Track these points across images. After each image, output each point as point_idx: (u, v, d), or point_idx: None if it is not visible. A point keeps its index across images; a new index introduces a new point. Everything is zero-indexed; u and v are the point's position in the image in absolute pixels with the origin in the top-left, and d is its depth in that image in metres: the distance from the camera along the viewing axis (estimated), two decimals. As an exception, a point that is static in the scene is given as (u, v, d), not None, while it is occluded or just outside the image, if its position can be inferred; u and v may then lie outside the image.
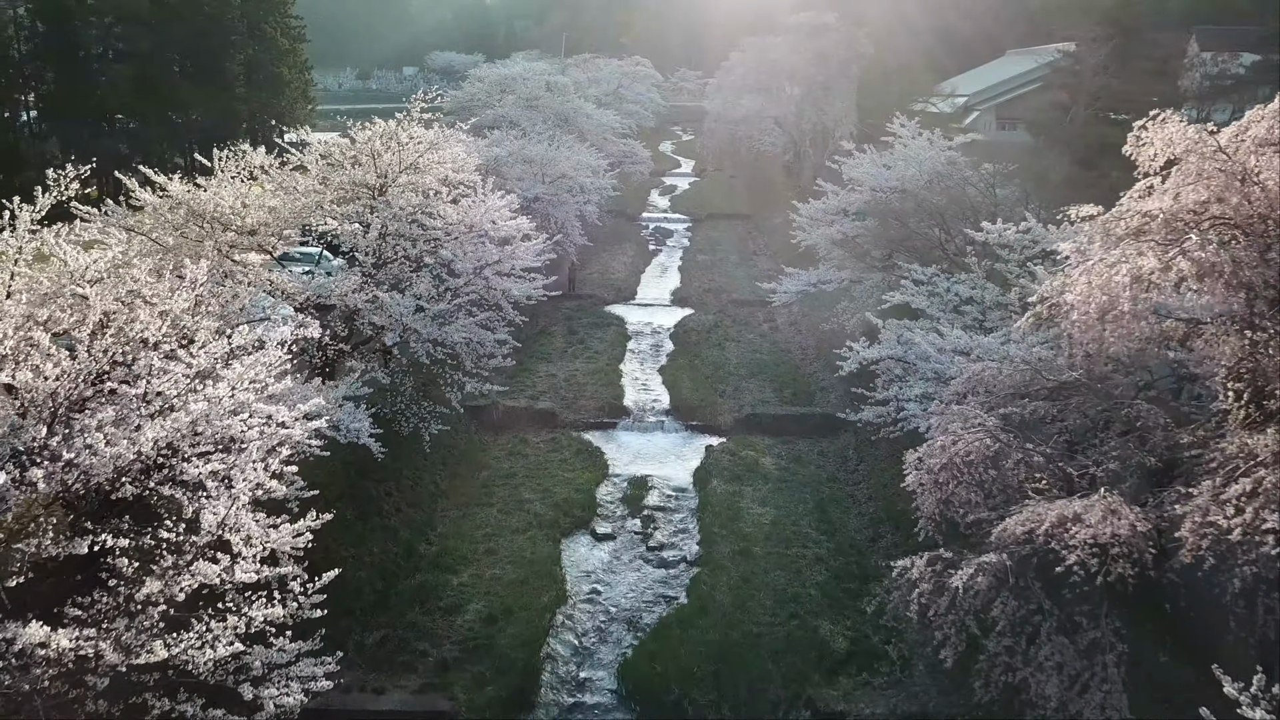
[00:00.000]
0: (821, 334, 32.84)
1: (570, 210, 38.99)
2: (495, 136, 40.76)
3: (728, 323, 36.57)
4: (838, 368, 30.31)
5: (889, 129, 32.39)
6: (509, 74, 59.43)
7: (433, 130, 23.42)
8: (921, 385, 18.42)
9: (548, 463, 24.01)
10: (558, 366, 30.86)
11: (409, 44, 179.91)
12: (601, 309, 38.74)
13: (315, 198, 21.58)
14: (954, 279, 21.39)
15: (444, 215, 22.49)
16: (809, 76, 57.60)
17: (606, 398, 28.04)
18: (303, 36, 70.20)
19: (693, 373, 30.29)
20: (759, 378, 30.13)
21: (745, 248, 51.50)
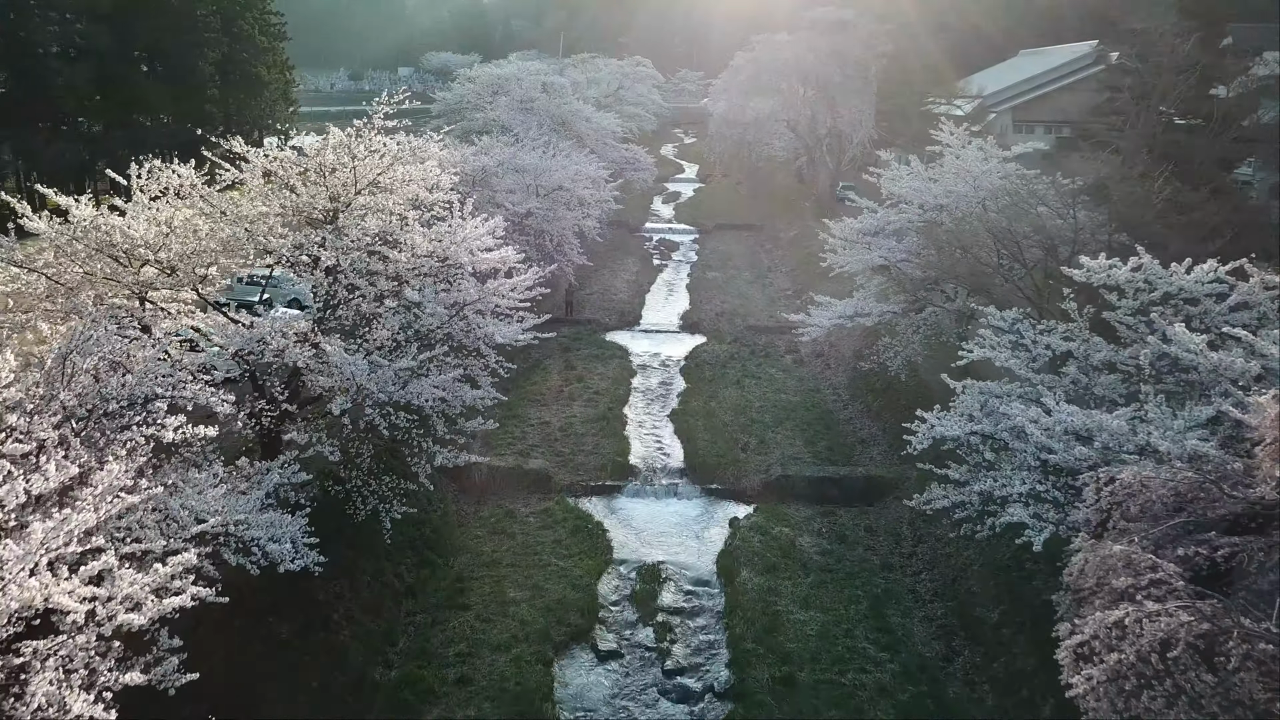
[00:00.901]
0: (856, 371, 28.71)
1: (567, 226, 34.79)
2: (484, 143, 36.53)
3: (745, 354, 32.33)
4: (880, 417, 26.36)
5: (935, 136, 28.16)
6: (502, 74, 55.21)
7: (399, 140, 19.20)
8: (1024, 478, 14.16)
9: (538, 544, 19.75)
10: (552, 411, 26.61)
11: (404, 44, 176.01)
12: (602, 337, 34.52)
13: (251, 225, 17.35)
14: (1043, 327, 17.15)
15: (411, 245, 18.27)
16: (825, 77, 53.41)
17: (609, 453, 23.80)
18: (283, 34, 66.00)
19: (709, 420, 26.05)
20: (787, 425, 25.88)
21: (758, 262, 47.27)
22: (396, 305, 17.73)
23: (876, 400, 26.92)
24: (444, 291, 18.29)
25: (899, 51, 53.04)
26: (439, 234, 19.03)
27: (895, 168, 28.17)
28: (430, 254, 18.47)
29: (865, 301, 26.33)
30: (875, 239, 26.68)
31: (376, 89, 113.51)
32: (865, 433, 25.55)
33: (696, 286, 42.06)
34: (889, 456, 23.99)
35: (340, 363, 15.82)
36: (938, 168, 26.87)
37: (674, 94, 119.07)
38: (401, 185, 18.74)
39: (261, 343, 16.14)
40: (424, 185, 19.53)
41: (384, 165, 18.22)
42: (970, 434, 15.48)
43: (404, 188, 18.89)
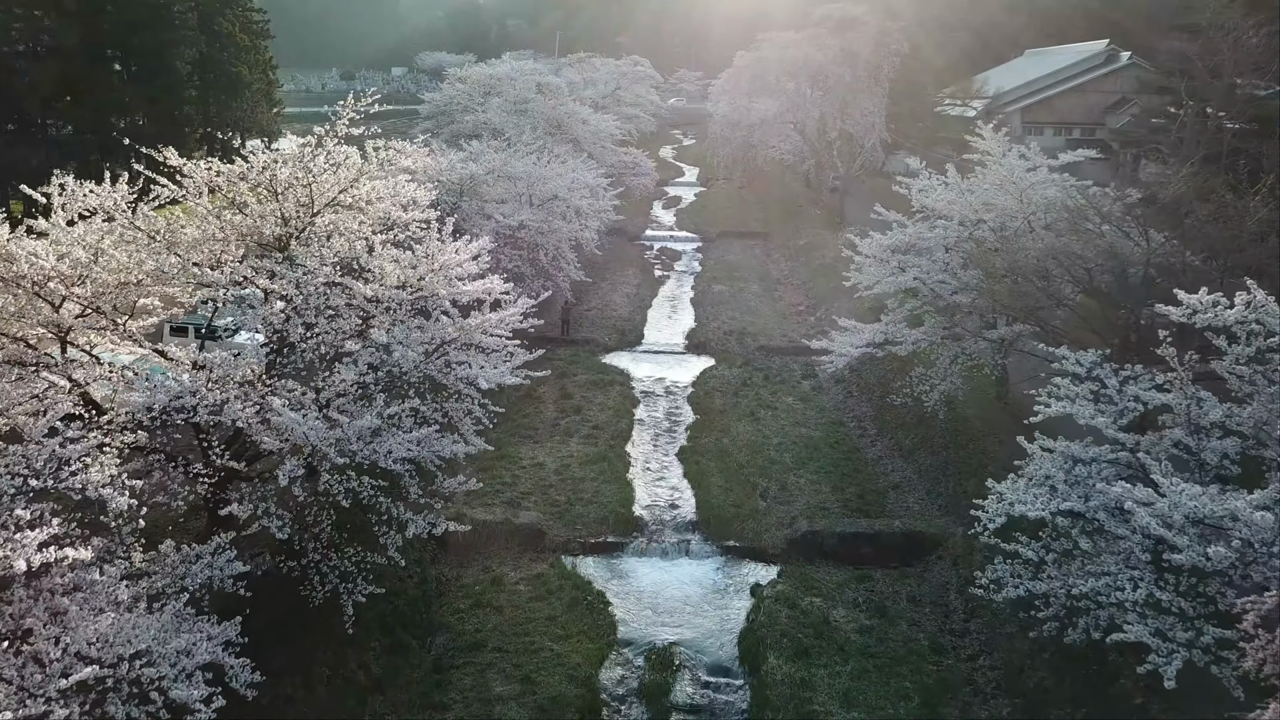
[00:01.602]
0: (884, 401, 25.98)
1: (563, 239, 32.01)
2: (473, 149, 33.73)
3: (759, 380, 29.54)
4: (914, 458, 23.59)
5: (971, 142, 25.39)
6: (495, 74, 52.41)
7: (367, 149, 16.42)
8: (1134, 578, 11.37)
9: (530, 621, 16.94)
10: (547, 449, 23.80)
11: (398, 44, 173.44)
12: (601, 359, 31.71)
13: (187, 252, 14.56)
14: (1129, 375, 14.37)
15: (380, 275, 15.48)
16: (835, 77, 50.64)
17: (611, 502, 21.00)
18: (266, 32, 63.06)
19: (722, 460, 23.26)
20: (810, 467, 23.09)
21: (767, 274, 44.49)
22: (362, 346, 14.91)
23: (908, 437, 24.16)
24: (418, 330, 15.45)
25: (913, 50, 50.33)
26: (414, 260, 16.25)
27: (925, 177, 25.37)
28: (402, 284, 15.66)
29: (895, 326, 23.59)
30: (906, 257, 23.88)
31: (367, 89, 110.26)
32: (898, 476, 22.77)
33: (701, 301, 39.27)
34: (927, 505, 21.25)
35: (289, 422, 13.02)
36: (975, 177, 24.07)
37: (672, 94, 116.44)
38: (369, 203, 15.95)
39: (194, 396, 13.36)
40: (396, 202, 16.75)
41: (346, 181, 15.43)
42: (1055, 514, 12.67)
43: (372, 206, 16.10)
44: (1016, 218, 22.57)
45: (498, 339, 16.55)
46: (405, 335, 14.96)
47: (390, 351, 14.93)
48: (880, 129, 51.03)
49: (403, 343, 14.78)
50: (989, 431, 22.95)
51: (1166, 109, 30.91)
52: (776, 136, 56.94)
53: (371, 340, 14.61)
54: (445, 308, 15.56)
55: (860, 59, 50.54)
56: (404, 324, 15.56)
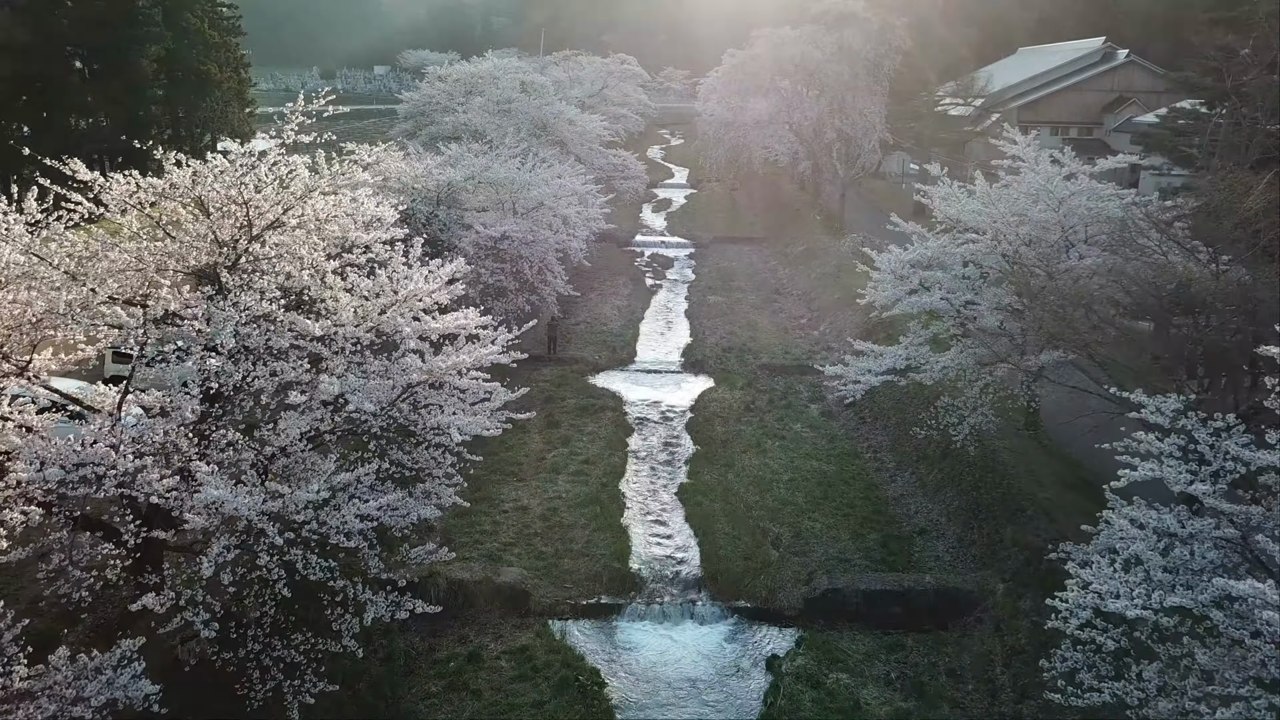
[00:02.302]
0: (901, 430, 23.72)
1: (549, 249, 29.57)
2: (452, 152, 31.27)
3: (762, 403, 27.21)
4: (940, 497, 21.28)
5: (999, 146, 23.08)
6: (477, 72, 49.88)
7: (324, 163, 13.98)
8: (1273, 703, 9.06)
9: (513, 708, 14.56)
10: (532, 489, 21.41)
11: (380, 42, 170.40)
12: (591, 381, 29.33)
13: (99, 285, 12.10)
14: (1221, 426, 12.07)
15: (333, 309, 13.05)
16: (833, 75, 48.33)
17: (605, 554, 18.61)
18: (237, 28, 60.33)
19: (727, 500, 20.90)
20: (826, 508, 20.77)
21: (764, 283, 42.16)
22: (309, 398, 12.47)
23: (932, 472, 21.88)
24: (378, 374, 13.01)
25: (917, 46, 48.13)
26: (375, 288, 13.83)
27: (946, 183, 23.05)
28: (360, 320, 13.22)
29: (917, 348, 21.30)
30: (929, 273, 21.57)
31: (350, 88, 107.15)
32: (923, 518, 20.47)
33: (697, 313, 36.93)
34: (959, 555, 18.95)
35: (215, 498, 10.58)
36: (1003, 185, 21.78)
37: (659, 93, 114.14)
38: (321, 223, 13.51)
39: (101, 465, 10.92)
40: (355, 221, 14.31)
41: (292, 198, 12.98)
42: (1156, 610, 10.31)
43: (326, 226, 13.66)
44: (1053, 230, 20.30)
45: (474, 380, 14.11)
46: (361, 382, 12.52)
47: (344, 403, 12.50)
48: (880, 129, 48.78)
49: (358, 392, 12.34)
50: (1023, 468, 20.72)
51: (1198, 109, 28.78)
52: (770, 137, 54.70)
53: (322, 389, 12.14)
54: (411, 347, 13.10)
55: (859, 56, 48.28)
56: (361, 366, 13.14)
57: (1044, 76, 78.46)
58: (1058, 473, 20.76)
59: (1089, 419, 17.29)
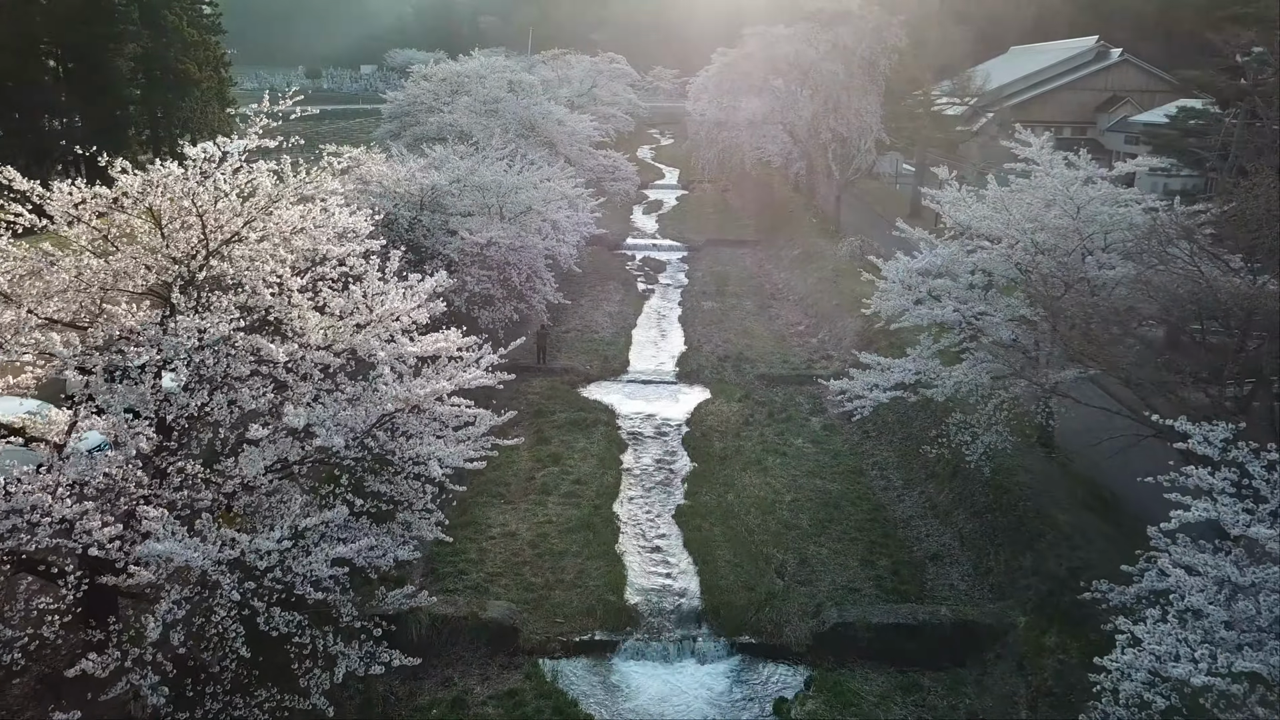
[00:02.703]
0: (907, 445, 22.64)
1: (538, 256, 28.38)
2: (436, 154, 30.03)
3: (762, 416, 26.06)
4: (951, 519, 20.15)
5: (1013, 149, 21.99)
6: (463, 71, 48.61)
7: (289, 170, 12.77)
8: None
9: (501, 764, 13.38)
10: (520, 512, 20.22)
11: (366, 41, 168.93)
12: (582, 393, 28.16)
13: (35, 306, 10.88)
14: (1272, 459, 10.97)
15: (300, 330, 11.85)
16: (828, 74, 47.25)
17: (599, 585, 17.44)
18: (217, 26, 58.96)
19: (728, 523, 19.76)
20: (832, 531, 19.64)
21: (760, 288, 41.04)
22: (272, 431, 11.27)
23: (942, 492, 20.78)
24: (349, 403, 11.79)
25: (913, 45, 47.08)
26: (349, 306, 12.63)
27: (952, 187, 21.94)
28: (330, 343, 12.02)
29: (926, 361, 20.20)
30: (939, 282, 20.46)
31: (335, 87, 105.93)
32: (935, 542, 19.36)
33: (691, 320, 35.77)
34: (975, 584, 17.84)
35: (161, 552, 9.38)
36: (1015, 190, 20.69)
37: (649, 92, 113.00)
38: (286, 237, 12.30)
39: (35, 513, 9.71)
40: (326, 233, 13.11)
41: (255, 209, 11.77)
42: (1224, 676, 9.19)
43: (293, 239, 12.46)
44: (1070, 238, 19.22)
45: (456, 406, 12.92)
46: (331, 412, 11.31)
47: (311, 435, 11.30)
48: (877, 129, 47.71)
49: (327, 423, 11.14)
50: (1039, 488, 19.63)
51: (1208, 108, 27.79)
52: (763, 137, 53.59)
53: (286, 422, 10.93)
54: (386, 374, 11.90)
55: (854, 54, 47.23)
56: (332, 393, 11.93)
57: (1037, 76, 77.70)
58: (1075, 494, 19.68)
59: (1115, 440, 16.24)
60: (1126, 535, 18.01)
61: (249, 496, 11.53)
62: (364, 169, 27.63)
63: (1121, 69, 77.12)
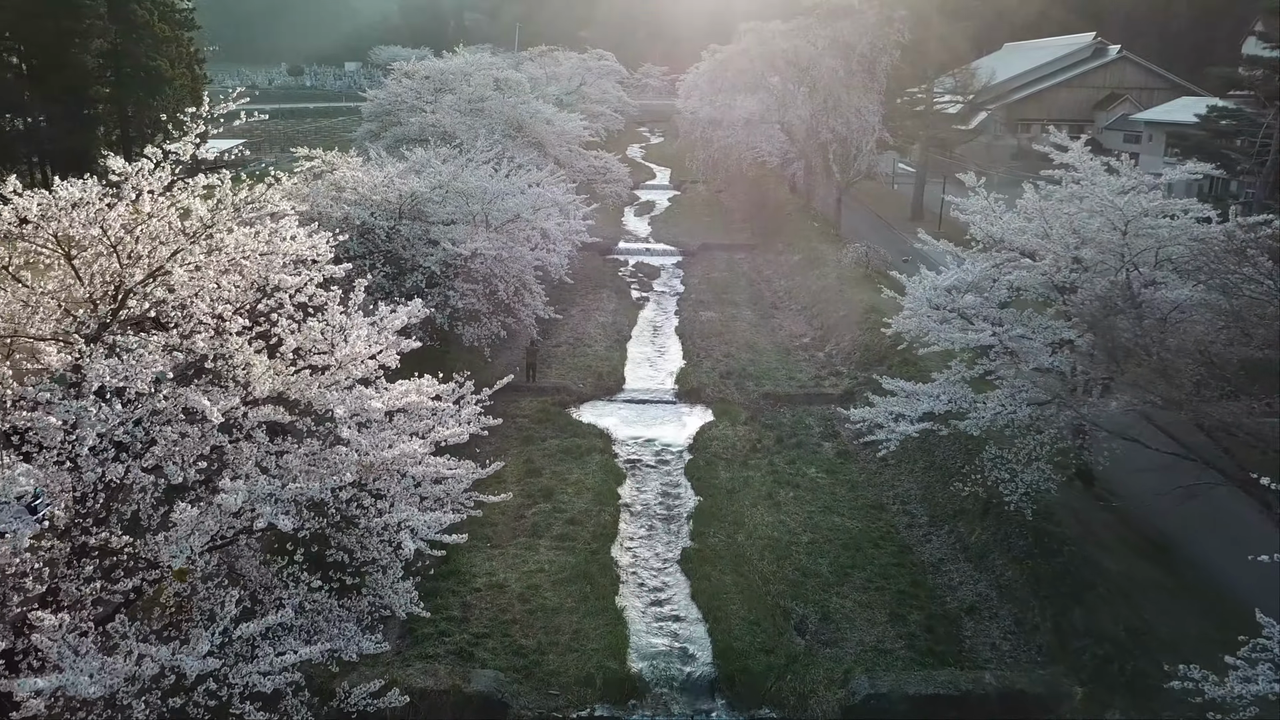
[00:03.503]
0: (931, 476, 20.77)
1: (526, 267, 26.37)
2: (417, 158, 27.97)
3: (770, 441, 24.12)
4: (987, 565, 18.22)
5: (1044, 151, 20.08)
6: (447, 68, 46.48)
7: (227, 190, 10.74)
8: None
9: None
10: (509, 558, 18.22)
11: (351, 38, 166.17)
12: (574, 415, 26.16)
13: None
14: None
15: (242, 380, 9.82)
16: (828, 72, 45.36)
17: (598, 647, 15.46)
18: (191, 22, 56.47)
19: (740, 570, 17.80)
20: (856, 580, 17.69)
21: (760, 296, 39.10)
22: (206, 511, 9.23)
23: (974, 532, 18.87)
24: (303, 472, 9.78)
25: (916, 41, 45.22)
26: (308, 344, 10.61)
27: (979, 196, 20.02)
28: (278, 393, 10.00)
29: (956, 388, 18.31)
30: (968, 298, 18.57)
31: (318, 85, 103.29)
32: (970, 591, 17.43)
33: (689, 331, 33.78)
34: (1020, 644, 15.93)
35: (48, 688, 7.35)
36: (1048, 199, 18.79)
37: (638, 90, 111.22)
38: (223, 269, 10.27)
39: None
40: (281, 259, 11.08)
41: (183, 237, 9.73)
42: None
43: (230, 273, 10.42)
44: (1116, 254, 17.32)
45: (433, 466, 10.91)
46: (277, 485, 9.28)
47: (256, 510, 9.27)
48: (878, 129, 45.82)
49: (272, 498, 9.11)
50: (1082, 530, 17.81)
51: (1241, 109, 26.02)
52: (759, 137, 51.73)
53: (223, 502, 8.89)
54: (345, 435, 9.87)
55: (855, 51, 45.36)
56: (280, 457, 9.90)
57: (1033, 73, 76.11)
58: (1124, 537, 17.88)
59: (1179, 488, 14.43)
60: (1187, 588, 16.22)
61: (180, 583, 9.51)
62: (339, 174, 25.61)
63: (1120, 66, 75.57)
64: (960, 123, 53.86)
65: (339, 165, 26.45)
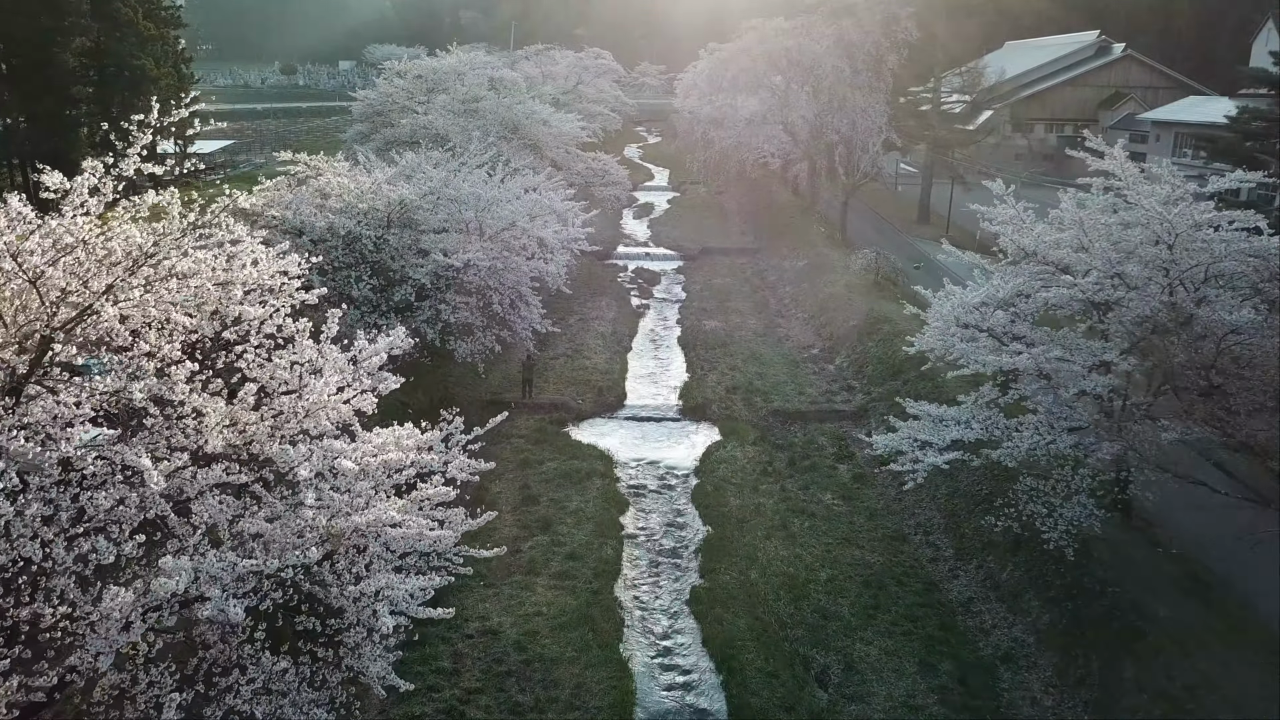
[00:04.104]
0: (955, 507, 19.41)
1: (522, 278, 24.96)
2: (407, 162, 26.54)
3: (781, 464, 22.75)
4: (1020, 605, 16.85)
5: (1080, 157, 18.68)
6: (440, 67, 45.02)
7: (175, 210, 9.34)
8: None
9: None
10: (504, 600, 16.83)
11: (345, 36, 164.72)
12: (573, 435, 24.78)
13: None
14: None
15: (190, 433, 8.41)
16: (833, 71, 43.96)
17: (601, 704, 14.10)
18: (177, 19, 55.05)
19: (754, 613, 16.43)
20: (880, 623, 16.31)
21: (765, 304, 37.71)
22: (141, 597, 7.83)
23: (1005, 568, 17.50)
24: (260, 548, 8.37)
25: (924, 39, 43.83)
26: (274, 383, 9.20)
27: (1006, 204, 18.64)
28: (235, 449, 8.59)
29: (989, 414, 16.96)
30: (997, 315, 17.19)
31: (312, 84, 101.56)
32: (1005, 636, 16.06)
33: (692, 342, 32.37)
34: (1063, 699, 14.56)
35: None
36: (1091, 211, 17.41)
37: (634, 89, 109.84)
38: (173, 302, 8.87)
39: None
40: (239, 290, 9.67)
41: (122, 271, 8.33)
42: None
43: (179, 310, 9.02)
44: (1163, 270, 15.95)
45: (414, 528, 9.50)
46: (230, 564, 7.87)
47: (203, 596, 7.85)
48: (884, 130, 44.42)
49: (220, 580, 7.70)
50: (1125, 567, 16.43)
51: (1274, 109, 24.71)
52: (761, 138, 50.28)
53: (165, 581, 7.48)
54: (310, 501, 8.47)
55: (860, 50, 43.96)
56: (234, 525, 8.50)
57: (1036, 72, 74.85)
58: (1171, 575, 16.48)
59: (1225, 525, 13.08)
60: (1244, 636, 14.86)
61: (118, 674, 8.12)
62: (324, 180, 24.21)
63: (1124, 65, 74.38)
64: (963, 122, 52.57)
65: (324, 170, 25.07)
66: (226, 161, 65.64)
